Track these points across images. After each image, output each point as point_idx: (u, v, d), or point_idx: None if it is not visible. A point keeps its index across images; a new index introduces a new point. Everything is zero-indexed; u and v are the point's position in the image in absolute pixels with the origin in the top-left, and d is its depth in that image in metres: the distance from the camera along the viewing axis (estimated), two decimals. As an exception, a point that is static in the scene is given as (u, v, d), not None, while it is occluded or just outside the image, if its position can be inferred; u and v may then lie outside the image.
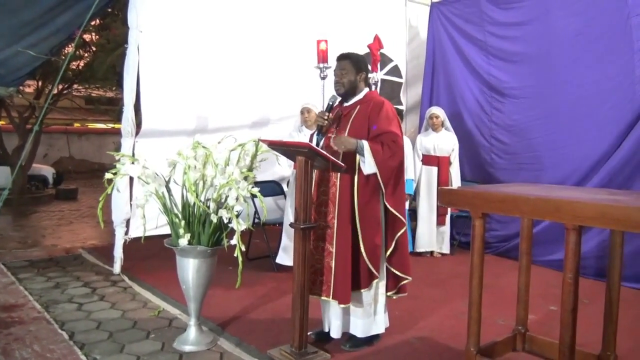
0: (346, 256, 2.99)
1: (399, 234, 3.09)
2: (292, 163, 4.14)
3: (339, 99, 3.19)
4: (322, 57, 4.99)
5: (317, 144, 2.99)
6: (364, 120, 3.04)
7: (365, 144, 2.91)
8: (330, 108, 3.07)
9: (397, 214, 3.05)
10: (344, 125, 3.09)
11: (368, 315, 3.12)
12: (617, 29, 4.85)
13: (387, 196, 3.02)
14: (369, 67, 4.09)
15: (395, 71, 6.60)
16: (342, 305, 3.03)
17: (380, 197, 3.05)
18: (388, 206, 3.03)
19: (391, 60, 6.45)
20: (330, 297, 3.02)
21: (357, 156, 2.97)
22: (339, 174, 3.02)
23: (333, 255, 3.02)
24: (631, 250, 4.21)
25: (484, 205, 2.60)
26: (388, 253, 3.08)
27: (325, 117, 2.99)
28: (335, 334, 3.14)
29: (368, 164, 2.92)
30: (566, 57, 5.26)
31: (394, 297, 3.21)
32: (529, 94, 5.61)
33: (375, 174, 2.94)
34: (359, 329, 3.13)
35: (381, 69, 6.53)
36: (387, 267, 3.12)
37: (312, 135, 3.28)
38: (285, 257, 4.66)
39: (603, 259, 4.26)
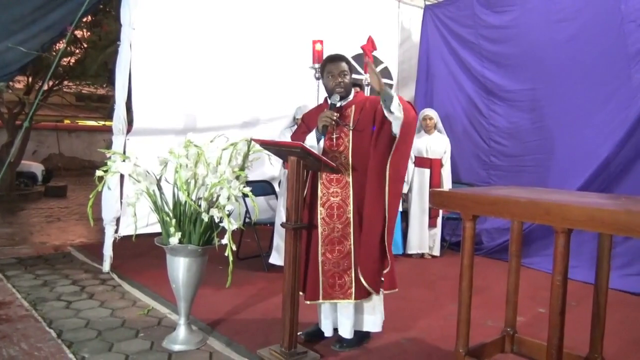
0: (372, 246, 3.01)
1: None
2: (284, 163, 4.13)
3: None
4: (318, 57, 5.00)
5: (317, 142, 3.01)
6: (370, 118, 3.04)
7: (392, 93, 2.85)
8: (334, 107, 3.05)
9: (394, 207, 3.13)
10: (345, 126, 3.08)
11: (376, 309, 3.18)
12: (611, 34, 4.89)
13: (391, 181, 3.01)
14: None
15: (386, 73, 6.60)
16: (376, 296, 3.09)
17: (384, 193, 3.05)
18: (387, 196, 3.03)
19: (381, 62, 6.46)
20: (353, 298, 3.03)
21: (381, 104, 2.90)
22: (350, 172, 3.02)
23: (352, 256, 3.03)
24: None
25: (474, 208, 2.62)
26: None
27: (335, 117, 2.98)
28: (348, 334, 3.14)
29: (395, 109, 2.82)
30: (560, 62, 5.30)
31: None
32: (525, 97, 5.66)
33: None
34: (370, 324, 3.18)
35: (371, 71, 6.54)
36: None
37: (297, 133, 3.26)
38: (278, 257, 4.66)
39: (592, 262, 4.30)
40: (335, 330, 3.19)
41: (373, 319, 3.18)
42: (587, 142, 5.07)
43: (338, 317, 3.17)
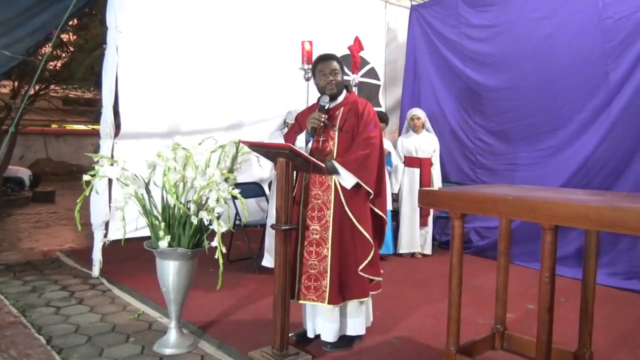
0: (352, 254, 3.03)
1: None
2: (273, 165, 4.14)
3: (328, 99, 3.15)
4: (307, 58, 5.01)
5: (306, 143, 3.03)
6: (355, 120, 3.06)
7: (334, 162, 2.95)
8: (323, 109, 3.05)
9: (381, 214, 3.13)
10: (332, 128, 3.09)
11: (363, 312, 3.18)
12: (589, 31, 4.93)
13: (374, 197, 3.08)
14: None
15: (372, 73, 6.64)
16: (364, 299, 3.10)
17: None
18: (374, 208, 3.10)
19: (367, 63, 6.49)
20: (326, 301, 3.01)
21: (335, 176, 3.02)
22: (333, 176, 3.03)
23: (328, 260, 3.02)
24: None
25: (462, 206, 2.64)
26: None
27: (322, 119, 2.98)
28: (332, 337, 3.12)
29: (345, 178, 2.96)
30: (541, 60, 5.34)
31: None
32: (507, 95, 5.68)
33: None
34: (357, 327, 3.17)
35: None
36: None
37: (290, 133, 3.27)
38: (271, 259, 4.65)
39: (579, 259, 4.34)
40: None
41: (358, 321, 3.17)
42: (569, 140, 5.12)
43: (318, 320, 3.17)
